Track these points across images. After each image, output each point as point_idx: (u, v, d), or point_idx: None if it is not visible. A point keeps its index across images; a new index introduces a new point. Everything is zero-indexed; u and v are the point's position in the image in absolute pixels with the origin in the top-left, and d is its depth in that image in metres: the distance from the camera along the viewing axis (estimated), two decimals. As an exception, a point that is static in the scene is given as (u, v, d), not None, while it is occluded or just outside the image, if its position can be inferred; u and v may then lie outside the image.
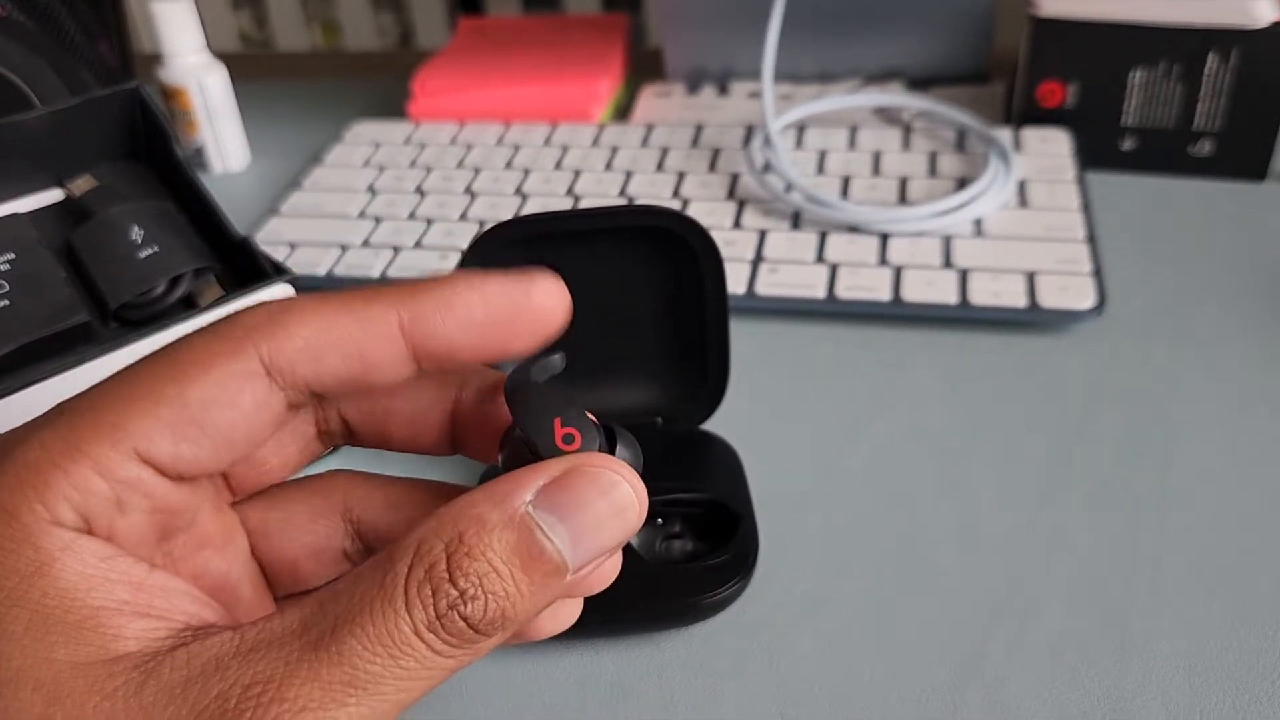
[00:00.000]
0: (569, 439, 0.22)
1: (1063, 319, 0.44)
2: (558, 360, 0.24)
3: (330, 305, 0.22)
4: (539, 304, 0.23)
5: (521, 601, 0.20)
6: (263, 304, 0.22)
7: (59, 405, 0.21)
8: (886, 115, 0.61)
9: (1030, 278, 0.45)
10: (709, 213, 0.52)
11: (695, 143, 0.59)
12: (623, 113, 0.68)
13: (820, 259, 0.48)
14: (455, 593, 0.19)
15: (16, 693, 0.18)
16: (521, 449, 0.22)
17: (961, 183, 0.52)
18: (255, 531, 0.24)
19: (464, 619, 0.19)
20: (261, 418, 0.21)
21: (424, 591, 0.19)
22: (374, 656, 0.18)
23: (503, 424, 0.24)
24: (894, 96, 0.59)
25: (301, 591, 0.25)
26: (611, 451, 0.22)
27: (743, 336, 0.45)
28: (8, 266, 0.35)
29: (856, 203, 0.51)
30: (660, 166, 0.57)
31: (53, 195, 0.38)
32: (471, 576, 0.19)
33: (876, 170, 0.55)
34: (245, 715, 0.17)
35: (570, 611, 0.26)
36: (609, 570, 0.24)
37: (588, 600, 0.31)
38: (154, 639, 0.19)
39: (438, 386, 0.25)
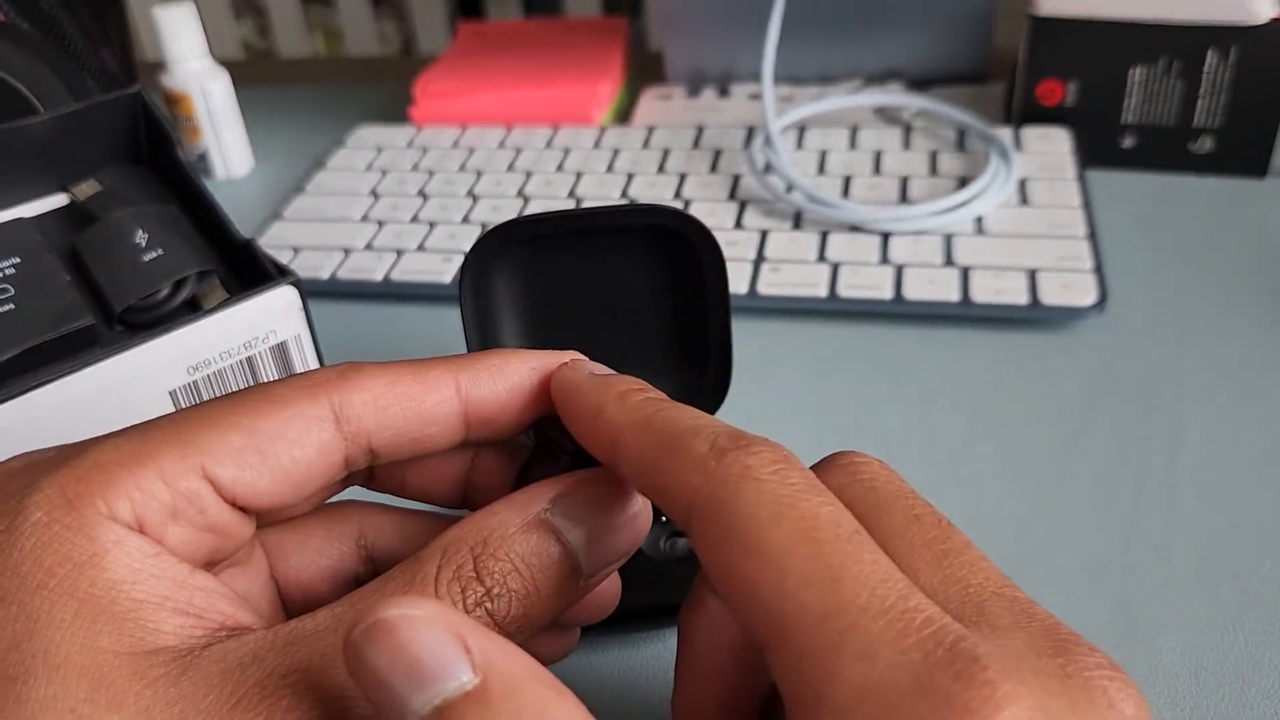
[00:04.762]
0: None
1: (1064, 316, 0.44)
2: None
3: (395, 367, 0.23)
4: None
5: (540, 601, 0.21)
6: (333, 365, 0.24)
7: (138, 423, 0.22)
8: (887, 115, 0.61)
9: (1032, 275, 0.45)
10: (711, 213, 0.52)
11: (696, 144, 0.59)
12: (624, 115, 0.68)
13: (822, 258, 0.48)
14: (482, 590, 0.20)
15: (65, 678, 0.18)
16: (545, 457, 0.24)
17: (962, 181, 0.53)
18: (272, 553, 0.25)
19: (490, 615, 0.20)
20: (323, 463, 0.22)
21: (453, 589, 0.20)
22: None
23: (511, 476, 0.26)
24: (894, 96, 0.60)
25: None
26: None
27: (745, 336, 0.45)
28: (12, 270, 0.35)
29: (858, 202, 0.51)
30: (662, 168, 0.57)
31: (57, 200, 0.38)
32: (496, 575, 0.20)
33: (877, 170, 0.55)
34: (283, 701, 0.18)
35: (568, 642, 0.27)
36: (609, 596, 0.26)
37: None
38: (190, 635, 0.20)
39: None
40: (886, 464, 0.23)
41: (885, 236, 0.49)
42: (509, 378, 0.24)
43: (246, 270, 0.38)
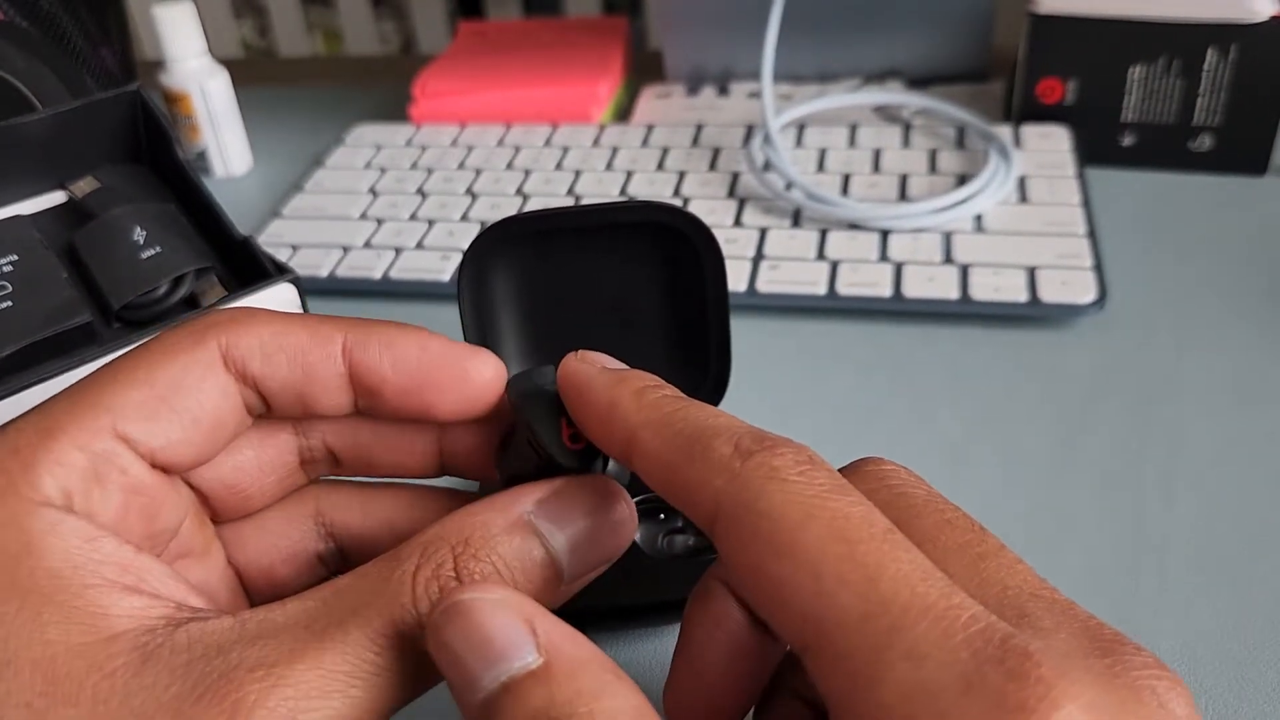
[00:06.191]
0: (575, 439, 0.23)
1: (1064, 313, 0.44)
2: (551, 371, 0.24)
3: (289, 317, 0.23)
4: (471, 374, 0.23)
5: None
6: (228, 307, 0.23)
7: (42, 401, 0.22)
8: (886, 113, 0.61)
9: (1031, 273, 0.45)
10: (710, 211, 0.52)
11: (696, 142, 0.59)
12: (623, 114, 0.68)
13: (821, 256, 0.48)
14: None
15: (17, 674, 0.18)
16: (526, 450, 0.23)
17: (962, 179, 0.53)
18: (230, 539, 0.25)
19: None
20: (228, 406, 0.22)
21: (431, 588, 0.20)
22: (379, 649, 0.19)
23: (490, 442, 0.25)
24: (893, 95, 0.60)
25: (277, 597, 0.26)
26: (604, 465, 0.23)
27: (744, 333, 0.45)
28: (11, 268, 0.35)
29: (857, 200, 0.51)
30: (661, 166, 0.57)
31: (55, 197, 0.38)
32: (476, 576, 0.20)
33: (877, 168, 0.55)
34: (250, 698, 0.18)
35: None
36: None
37: (592, 595, 0.31)
38: (148, 616, 0.19)
39: None
40: (911, 469, 0.23)
41: (884, 234, 0.49)
42: (395, 352, 0.23)
43: (245, 268, 0.38)
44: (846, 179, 0.54)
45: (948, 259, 0.47)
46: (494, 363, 0.24)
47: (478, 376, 0.23)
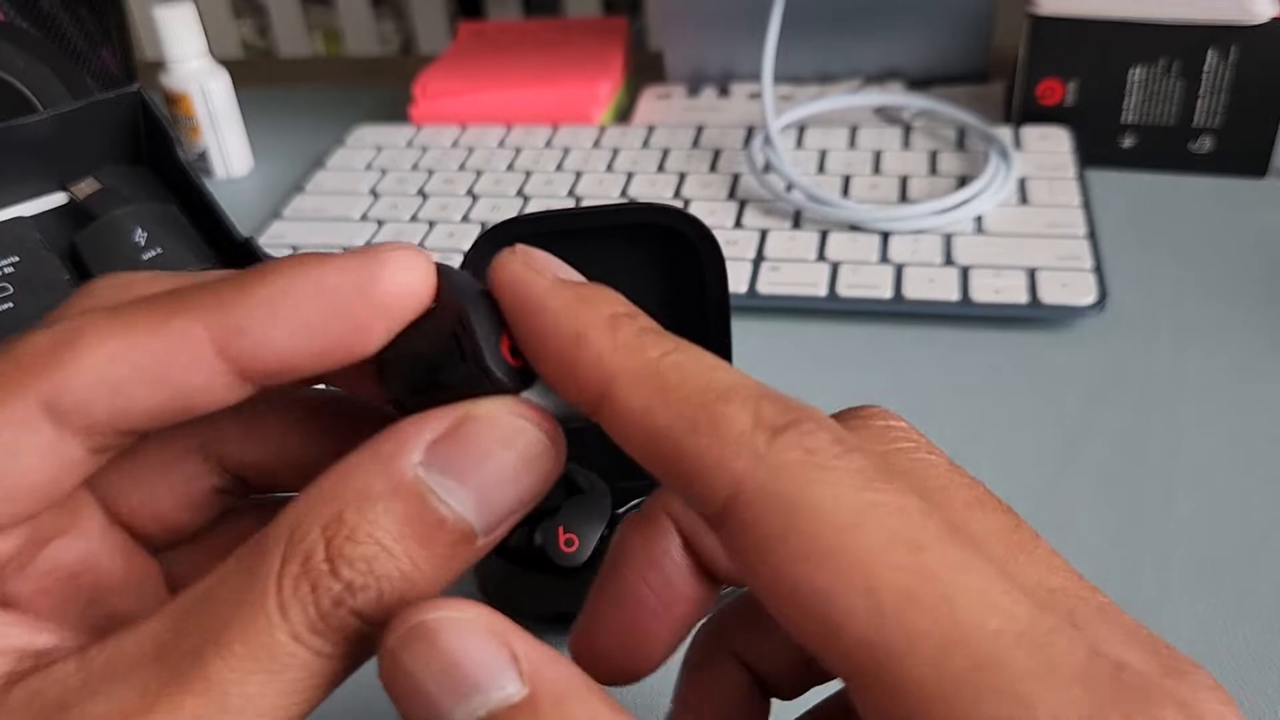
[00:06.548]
0: (515, 353, 0.18)
1: (1064, 315, 0.44)
2: (474, 280, 0.19)
3: (131, 319, 0.17)
4: (388, 289, 0.17)
5: (423, 578, 0.16)
6: (50, 328, 0.17)
7: None
8: (886, 115, 0.61)
9: (1031, 274, 0.45)
10: (710, 212, 0.52)
11: (696, 143, 0.59)
12: (624, 115, 0.68)
13: (821, 257, 0.48)
14: (339, 585, 0.16)
15: None
16: (452, 346, 0.18)
17: (962, 181, 0.53)
18: (108, 496, 0.21)
19: (355, 614, 0.16)
20: (55, 466, 0.17)
21: (301, 589, 0.16)
22: (248, 676, 0.15)
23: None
24: (894, 96, 0.60)
25: (180, 541, 0.22)
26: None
27: (745, 335, 0.45)
28: (12, 269, 0.35)
29: (857, 201, 0.51)
30: (661, 167, 0.57)
31: (56, 199, 0.38)
32: (358, 564, 0.16)
33: (877, 169, 0.55)
34: None
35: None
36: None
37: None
38: None
39: None
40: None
41: (885, 236, 0.49)
42: (287, 314, 0.17)
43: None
44: (847, 180, 0.54)
45: (948, 260, 0.47)
46: (416, 261, 0.18)
47: (393, 286, 0.17)
